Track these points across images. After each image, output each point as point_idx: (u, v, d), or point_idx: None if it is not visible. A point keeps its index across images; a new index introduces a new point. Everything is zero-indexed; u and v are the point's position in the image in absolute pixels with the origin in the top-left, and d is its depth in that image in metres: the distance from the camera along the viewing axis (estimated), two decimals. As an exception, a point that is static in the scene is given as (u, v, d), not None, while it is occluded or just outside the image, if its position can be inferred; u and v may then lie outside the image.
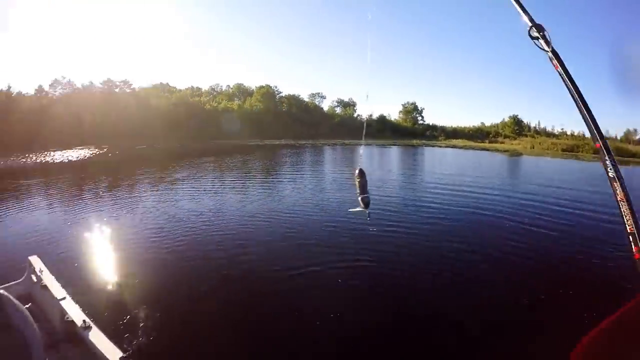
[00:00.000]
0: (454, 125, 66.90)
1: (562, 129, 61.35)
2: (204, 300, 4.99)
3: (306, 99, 64.43)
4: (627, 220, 1.55)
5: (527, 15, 1.87)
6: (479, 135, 60.02)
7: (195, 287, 5.40)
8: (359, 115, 64.07)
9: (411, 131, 61.45)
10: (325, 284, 5.51)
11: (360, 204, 2.49)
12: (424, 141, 53.49)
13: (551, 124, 70.62)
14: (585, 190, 14.43)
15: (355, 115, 64.46)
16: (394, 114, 68.57)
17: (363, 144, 5.55)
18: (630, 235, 1.53)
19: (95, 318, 2.75)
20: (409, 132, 60.41)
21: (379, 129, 56.11)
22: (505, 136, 58.53)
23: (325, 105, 67.02)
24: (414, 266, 6.23)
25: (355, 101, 65.63)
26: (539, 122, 66.22)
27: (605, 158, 1.60)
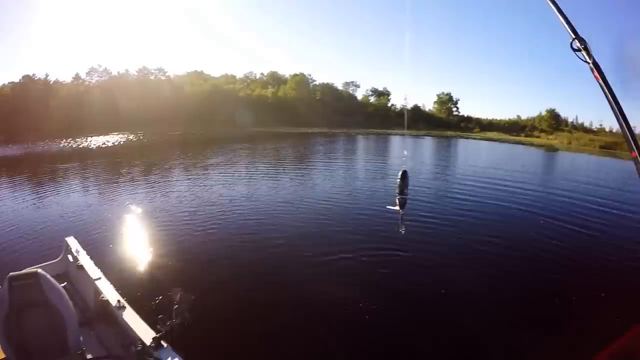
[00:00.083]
0: (489, 117, 64.28)
1: (601, 125, 56.48)
2: (236, 284, 5.05)
3: (340, 88, 63.58)
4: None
5: (571, 26, 1.79)
6: (515, 129, 57.25)
7: (229, 271, 5.44)
8: (393, 105, 62.87)
9: (445, 122, 59.55)
10: (355, 272, 5.53)
11: (397, 203, 2.47)
12: (458, 133, 52.04)
13: (589, 119, 64.98)
14: (624, 190, 13.44)
15: (389, 105, 63.10)
16: (428, 104, 66.27)
17: (405, 149, 5.10)
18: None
19: (128, 298, 2.79)
20: (443, 123, 58.52)
21: (413, 119, 54.87)
22: (541, 130, 55.43)
23: (359, 94, 65.48)
24: (446, 257, 6.21)
25: (390, 90, 64.15)
26: (576, 117, 61.35)
27: None
